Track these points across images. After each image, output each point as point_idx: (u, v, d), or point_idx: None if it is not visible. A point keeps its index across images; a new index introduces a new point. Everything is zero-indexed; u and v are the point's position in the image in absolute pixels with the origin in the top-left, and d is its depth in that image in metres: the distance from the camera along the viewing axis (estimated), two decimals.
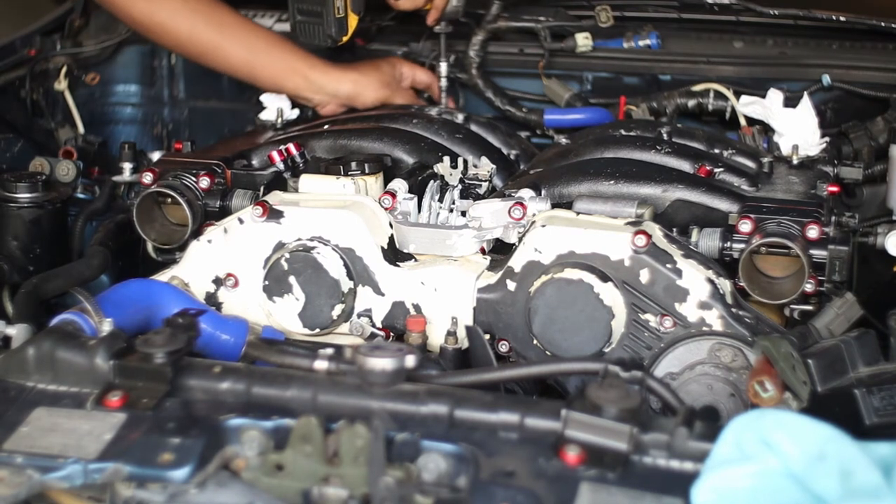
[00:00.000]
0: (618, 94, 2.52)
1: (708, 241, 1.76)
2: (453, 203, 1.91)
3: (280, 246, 1.80)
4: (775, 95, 2.20)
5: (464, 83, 2.64)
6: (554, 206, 1.85)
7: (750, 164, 2.04)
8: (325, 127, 2.24)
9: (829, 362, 1.55)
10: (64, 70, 2.68)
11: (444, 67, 2.57)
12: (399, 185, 1.92)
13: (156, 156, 2.46)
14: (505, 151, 2.29)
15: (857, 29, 2.54)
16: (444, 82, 2.58)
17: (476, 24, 2.59)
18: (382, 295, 1.78)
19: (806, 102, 2.16)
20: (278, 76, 2.38)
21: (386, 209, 1.84)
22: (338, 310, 1.76)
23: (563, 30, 2.60)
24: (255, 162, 2.15)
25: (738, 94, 2.38)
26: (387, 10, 2.70)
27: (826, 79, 2.43)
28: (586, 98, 2.56)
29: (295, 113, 2.42)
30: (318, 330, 1.78)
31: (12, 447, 1.29)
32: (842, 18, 2.52)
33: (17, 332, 1.62)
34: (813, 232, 1.71)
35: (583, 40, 2.55)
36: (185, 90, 2.84)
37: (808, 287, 1.70)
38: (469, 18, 2.61)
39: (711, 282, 1.66)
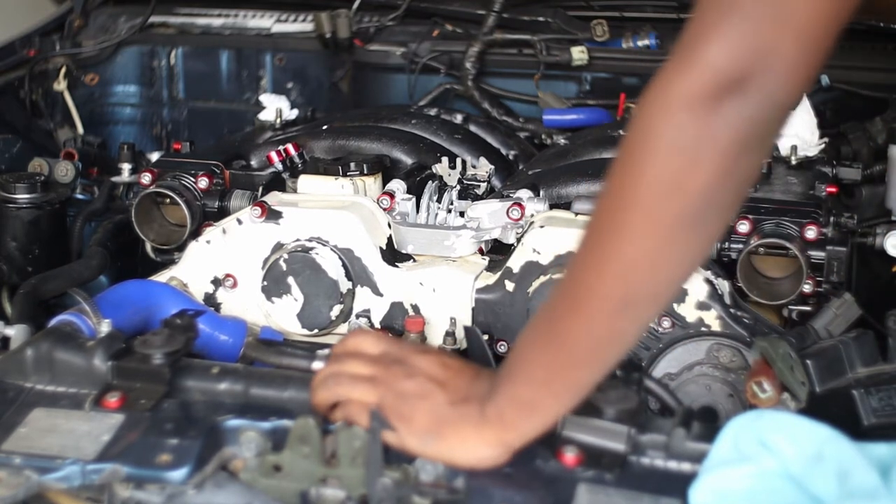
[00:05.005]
0: (616, 95, 2.51)
1: None
2: (451, 203, 1.91)
3: (279, 246, 1.80)
4: None
5: (459, 94, 2.63)
6: (552, 206, 1.85)
7: None
8: (324, 127, 2.24)
9: (827, 363, 1.54)
10: (63, 70, 2.68)
11: None
12: (397, 185, 1.92)
13: (155, 156, 2.45)
14: (503, 152, 2.29)
15: (857, 29, 2.53)
16: None
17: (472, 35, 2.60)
18: (381, 295, 1.78)
19: (805, 103, 2.15)
20: None
21: (384, 210, 1.84)
22: (336, 310, 1.76)
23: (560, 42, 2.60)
24: (253, 162, 2.15)
25: None
26: (386, 10, 2.70)
27: (825, 79, 2.42)
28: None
29: (294, 113, 2.42)
30: (316, 330, 1.78)
31: (10, 448, 1.28)
32: None
33: (15, 332, 1.61)
34: (811, 233, 1.71)
35: (578, 54, 2.55)
36: (185, 90, 2.83)
37: (807, 288, 1.69)
38: (467, 24, 2.61)
39: (710, 282, 1.66)
